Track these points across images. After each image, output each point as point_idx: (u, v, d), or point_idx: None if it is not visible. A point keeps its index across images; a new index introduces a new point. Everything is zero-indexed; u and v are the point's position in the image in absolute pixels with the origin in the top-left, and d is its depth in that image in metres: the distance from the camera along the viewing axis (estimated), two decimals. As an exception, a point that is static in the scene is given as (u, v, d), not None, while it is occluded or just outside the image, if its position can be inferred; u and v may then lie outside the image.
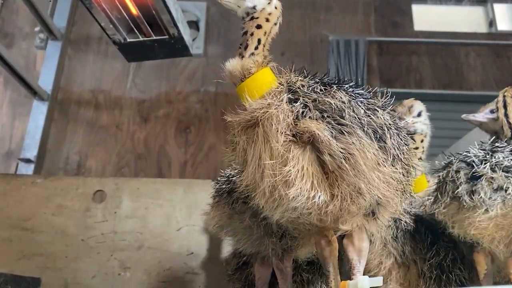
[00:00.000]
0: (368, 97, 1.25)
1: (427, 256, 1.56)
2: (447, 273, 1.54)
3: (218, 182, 1.65)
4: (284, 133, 1.14)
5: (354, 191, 1.16)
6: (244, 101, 1.21)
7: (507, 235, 1.34)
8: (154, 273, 2.61)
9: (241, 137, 1.20)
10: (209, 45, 4.78)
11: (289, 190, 1.14)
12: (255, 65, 1.23)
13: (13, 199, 2.76)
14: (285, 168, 1.13)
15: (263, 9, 1.28)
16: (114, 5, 1.96)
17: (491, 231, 1.33)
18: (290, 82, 1.23)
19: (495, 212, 1.29)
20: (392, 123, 1.24)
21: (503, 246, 1.35)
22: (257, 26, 1.27)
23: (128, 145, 4.34)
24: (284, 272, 1.58)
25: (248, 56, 1.25)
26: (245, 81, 1.22)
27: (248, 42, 1.26)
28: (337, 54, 4.67)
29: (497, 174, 1.31)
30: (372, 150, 1.14)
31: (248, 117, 1.18)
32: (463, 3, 5.18)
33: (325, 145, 1.13)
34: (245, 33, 1.27)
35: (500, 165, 1.32)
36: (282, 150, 1.14)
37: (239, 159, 1.24)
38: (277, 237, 1.51)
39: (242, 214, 1.51)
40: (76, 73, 4.62)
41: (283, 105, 1.17)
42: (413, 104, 1.87)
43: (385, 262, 1.58)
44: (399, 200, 1.26)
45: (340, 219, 1.22)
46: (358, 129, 1.14)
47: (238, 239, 1.60)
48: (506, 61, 4.87)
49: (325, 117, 1.15)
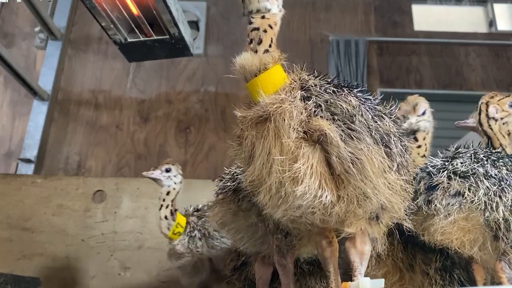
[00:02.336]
0: (375, 103, 1.25)
1: (432, 257, 1.56)
2: (449, 273, 1.54)
3: (223, 179, 1.65)
4: (296, 130, 1.13)
5: (360, 195, 1.16)
6: (255, 96, 1.20)
7: (476, 238, 1.37)
8: (154, 273, 2.61)
9: (250, 131, 1.19)
10: (209, 45, 4.78)
11: (297, 188, 1.13)
12: (272, 61, 1.22)
13: (13, 199, 2.76)
14: (295, 164, 1.12)
15: (274, 14, 1.28)
16: (114, 5, 1.95)
17: (457, 235, 1.37)
18: (303, 80, 1.22)
19: (454, 217, 1.35)
20: (396, 130, 1.25)
21: (477, 249, 1.38)
22: (269, 26, 1.25)
23: (128, 145, 4.34)
24: (287, 268, 1.58)
25: (263, 52, 1.22)
26: (259, 76, 1.20)
27: (261, 38, 1.24)
28: (337, 54, 4.67)
29: (453, 181, 1.37)
30: (380, 157, 1.15)
31: (260, 112, 1.17)
32: (463, 3, 5.19)
33: (334, 147, 1.12)
34: (256, 28, 1.25)
35: (457, 171, 1.39)
36: (293, 146, 1.13)
37: (245, 154, 1.22)
38: (283, 234, 1.51)
39: (248, 211, 1.50)
40: (76, 73, 4.62)
41: (297, 101, 1.16)
42: (418, 102, 1.87)
43: (387, 267, 1.58)
44: (402, 205, 1.26)
45: (345, 221, 1.21)
46: (366, 135, 1.14)
47: (241, 237, 1.59)
48: (506, 61, 4.87)
49: (336, 119, 1.14)
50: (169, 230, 2.02)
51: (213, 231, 2.06)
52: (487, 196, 1.33)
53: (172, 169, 2.10)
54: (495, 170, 1.37)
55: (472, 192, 1.34)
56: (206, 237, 2.06)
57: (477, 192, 1.34)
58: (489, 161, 1.39)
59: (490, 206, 1.32)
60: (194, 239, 2.05)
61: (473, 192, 1.34)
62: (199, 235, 2.05)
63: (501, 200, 1.32)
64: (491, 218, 1.32)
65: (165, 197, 2.06)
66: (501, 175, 1.35)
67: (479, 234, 1.36)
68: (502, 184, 1.34)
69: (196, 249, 2.04)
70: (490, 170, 1.37)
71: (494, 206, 1.32)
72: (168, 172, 2.09)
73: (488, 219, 1.33)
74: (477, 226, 1.36)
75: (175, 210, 2.06)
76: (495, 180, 1.35)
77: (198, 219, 2.11)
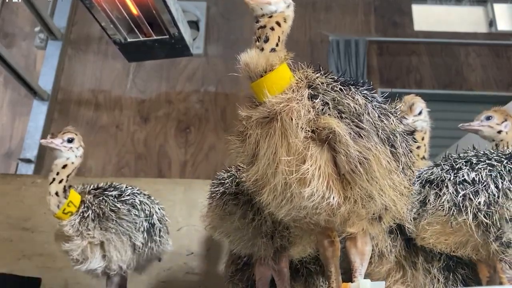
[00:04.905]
0: (381, 102, 1.24)
1: (434, 257, 1.57)
2: (453, 272, 1.55)
3: (213, 184, 1.66)
4: (305, 129, 1.11)
5: (365, 196, 1.14)
6: (260, 95, 1.17)
7: (462, 240, 1.41)
8: (154, 273, 2.60)
9: (255, 130, 1.16)
10: (209, 45, 4.78)
11: (305, 189, 1.11)
12: (279, 61, 1.18)
13: (13, 199, 2.76)
14: (303, 166, 1.10)
15: (281, 11, 1.25)
16: (114, 5, 1.95)
17: (441, 239, 1.43)
18: (310, 78, 1.19)
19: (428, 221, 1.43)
20: (401, 129, 1.24)
21: (470, 250, 1.41)
22: (276, 23, 1.22)
23: (128, 145, 4.34)
24: (281, 273, 1.58)
25: (270, 50, 1.18)
26: (265, 77, 1.17)
27: (268, 36, 1.20)
28: (337, 54, 4.67)
29: (425, 189, 1.46)
30: (386, 158, 1.13)
31: (266, 112, 1.14)
32: (463, 3, 5.19)
33: (343, 145, 1.10)
34: (263, 26, 1.20)
35: (429, 179, 1.47)
36: (301, 146, 1.11)
37: (248, 152, 1.20)
38: (268, 237, 1.51)
39: (232, 215, 1.51)
40: (76, 73, 4.62)
41: (305, 100, 1.13)
42: (414, 102, 1.87)
43: (390, 264, 1.58)
44: (404, 205, 1.26)
45: (348, 221, 1.20)
46: (373, 134, 1.13)
47: (231, 240, 1.60)
48: (506, 61, 4.87)
49: (343, 117, 1.12)
50: (59, 208, 1.76)
51: (109, 211, 1.81)
52: (454, 201, 1.37)
53: (75, 139, 1.82)
54: (473, 173, 1.38)
55: (438, 198, 1.41)
56: (100, 218, 1.80)
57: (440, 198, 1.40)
58: (468, 165, 1.41)
59: (458, 210, 1.36)
60: (86, 220, 1.79)
61: (439, 198, 1.40)
62: (92, 216, 1.80)
63: (471, 202, 1.35)
64: (461, 220, 1.36)
65: (59, 171, 1.78)
66: (478, 177, 1.37)
67: (461, 236, 1.39)
68: (477, 187, 1.36)
69: (87, 232, 1.79)
70: (466, 174, 1.39)
71: (464, 209, 1.35)
72: (70, 143, 1.80)
73: (458, 222, 1.36)
74: (455, 229, 1.39)
75: (69, 186, 1.79)
76: (468, 184, 1.37)
77: (95, 198, 1.84)
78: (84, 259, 1.84)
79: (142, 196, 1.96)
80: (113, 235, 1.83)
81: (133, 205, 1.88)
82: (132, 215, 1.86)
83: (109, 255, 1.85)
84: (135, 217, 1.86)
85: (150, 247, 1.92)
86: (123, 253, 1.86)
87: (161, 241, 1.99)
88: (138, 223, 1.87)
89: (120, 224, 1.82)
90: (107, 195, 1.86)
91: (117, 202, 1.85)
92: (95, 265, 1.85)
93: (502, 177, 1.35)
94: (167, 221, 2.06)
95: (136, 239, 1.86)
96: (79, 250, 1.81)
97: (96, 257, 1.85)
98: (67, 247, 1.81)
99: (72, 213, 1.78)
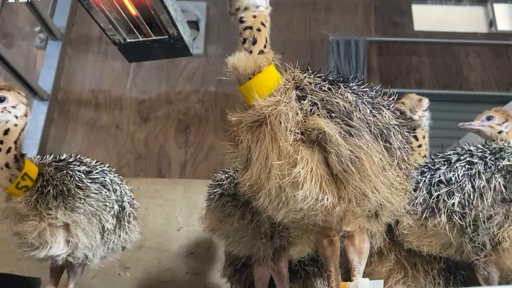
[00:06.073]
0: (373, 96, 1.23)
1: (433, 258, 1.56)
2: (453, 274, 1.55)
3: (211, 186, 1.66)
4: (294, 132, 1.11)
5: (359, 194, 1.14)
6: (249, 98, 1.16)
7: (445, 242, 1.40)
8: (154, 273, 2.60)
9: (246, 135, 1.16)
10: (209, 45, 4.78)
11: (298, 192, 1.11)
12: (267, 63, 1.17)
13: (13, 199, 2.75)
14: (295, 169, 1.10)
15: (262, 11, 1.24)
16: (113, 5, 1.95)
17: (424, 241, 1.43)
18: (297, 79, 1.19)
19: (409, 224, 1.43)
20: (396, 121, 1.23)
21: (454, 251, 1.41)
22: (261, 24, 1.20)
23: (128, 145, 4.34)
24: (281, 273, 1.58)
25: (258, 52, 1.17)
26: (253, 79, 1.16)
27: (256, 38, 1.18)
28: (337, 54, 4.67)
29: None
30: (379, 155, 1.13)
31: (256, 116, 1.14)
32: (463, 3, 5.18)
33: (333, 145, 1.10)
34: (249, 27, 1.19)
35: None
36: (291, 150, 1.10)
37: (241, 157, 1.20)
38: (267, 238, 1.51)
39: (231, 217, 1.52)
40: (76, 73, 4.62)
41: (292, 102, 1.13)
42: (421, 97, 1.89)
43: (390, 264, 1.58)
44: (402, 200, 1.25)
45: (343, 220, 1.20)
46: (365, 131, 1.12)
47: (230, 242, 1.60)
48: (506, 61, 4.86)
49: (333, 117, 1.12)
50: (12, 182, 1.47)
51: (74, 188, 1.53)
52: (427, 204, 1.37)
53: (7, 97, 1.51)
54: (450, 173, 1.37)
55: (412, 201, 1.41)
56: (64, 196, 1.51)
57: (414, 201, 1.41)
58: (447, 164, 1.40)
59: (431, 212, 1.36)
60: (46, 197, 1.50)
61: (414, 200, 1.41)
62: (54, 193, 1.50)
63: (445, 204, 1.34)
64: (435, 222, 1.35)
65: (2, 138, 1.48)
66: (455, 177, 1.36)
67: (443, 238, 1.39)
68: (452, 187, 1.35)
69: (47, 211, 1.50)
70: (442, 174, 1.38)
71: (437, 211, 1.35)
72: (3, 102, 1.50)
73: (433, 225, 1.36)
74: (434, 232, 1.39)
75: (21, 155, 1.51)
76: (443, 184, 1.36)
77: (57, 171, 1.55)
78: (42, 244, 1.55)
79: (112, 175, 1.72)
80: (82, 215, 1.55)
81: (103, 184, 1.63)
82: (103, 194, 1.60)
83: (74, 240, 1.56)
84: (106, 197, 1.61)
85: (118, 234, 1.66)
86: (92, 238, 1.58)
87: (130, 227, 1.73)
88: (109, 205, 1.61)
89: (89, 203, 1.55)
90: (73, 169, 1.59)
91: (85, 178, 1.58)
92: (57, 251, 1.56)
93: (479, 176, 1.33)
94: (136, 205, 1.82)
95: (106, 221, 1.59)
96: (36, 232, 1.52)
97: (58, 242, 1.56)
98: (19, 228, 1.53)
99: (28, 188, 1.50)
